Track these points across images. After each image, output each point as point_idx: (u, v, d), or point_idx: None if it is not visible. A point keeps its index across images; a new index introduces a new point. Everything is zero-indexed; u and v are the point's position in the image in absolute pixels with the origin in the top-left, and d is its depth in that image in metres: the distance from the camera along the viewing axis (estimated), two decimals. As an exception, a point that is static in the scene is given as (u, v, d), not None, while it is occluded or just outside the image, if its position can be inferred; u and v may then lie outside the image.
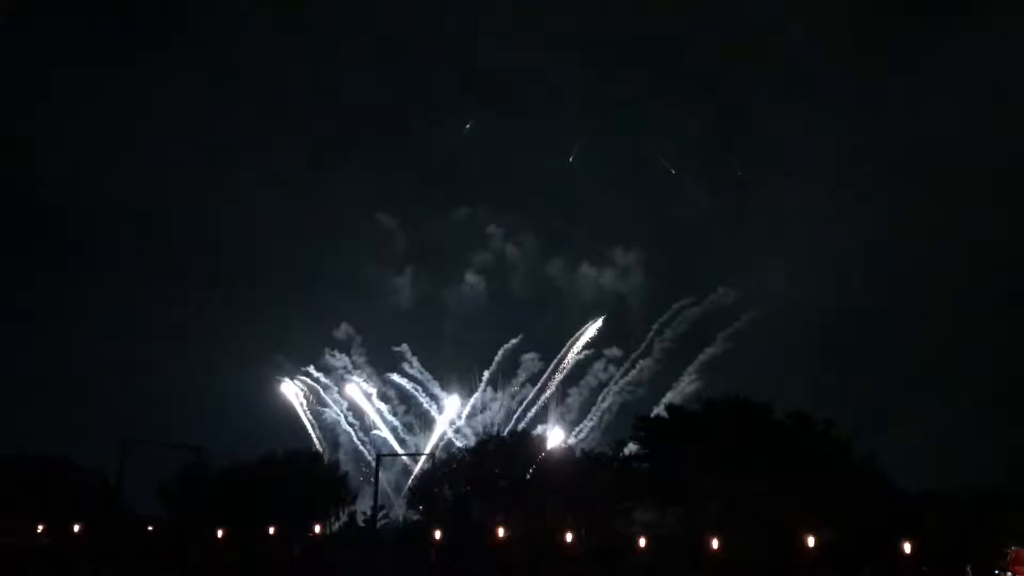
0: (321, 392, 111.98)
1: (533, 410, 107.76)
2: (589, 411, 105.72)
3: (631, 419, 76.48)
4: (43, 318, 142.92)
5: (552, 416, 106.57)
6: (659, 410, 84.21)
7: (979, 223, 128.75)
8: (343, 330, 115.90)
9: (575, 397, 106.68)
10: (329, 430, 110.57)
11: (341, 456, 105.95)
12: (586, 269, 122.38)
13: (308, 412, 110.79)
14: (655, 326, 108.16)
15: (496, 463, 78.18)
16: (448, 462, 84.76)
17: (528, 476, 75.65)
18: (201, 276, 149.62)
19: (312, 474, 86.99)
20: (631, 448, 73.29)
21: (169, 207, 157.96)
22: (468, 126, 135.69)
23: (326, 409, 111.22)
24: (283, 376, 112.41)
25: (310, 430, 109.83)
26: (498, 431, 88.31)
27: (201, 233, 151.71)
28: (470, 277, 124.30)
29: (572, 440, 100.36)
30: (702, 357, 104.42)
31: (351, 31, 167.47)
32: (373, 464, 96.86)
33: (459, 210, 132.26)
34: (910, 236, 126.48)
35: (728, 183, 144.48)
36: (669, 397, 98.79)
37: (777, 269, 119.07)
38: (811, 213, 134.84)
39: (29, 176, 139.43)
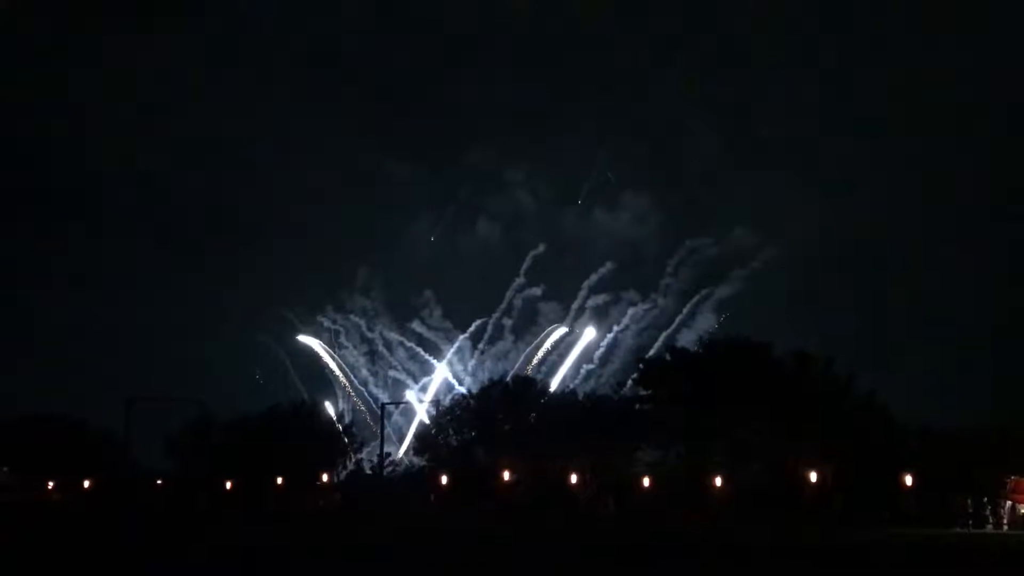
0: (341, 336, 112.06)
1: (553, 355, 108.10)
2: (610, 355, 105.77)
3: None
4: (46, 278, 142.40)
5: (570, 361, 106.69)
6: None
7: (980, 156, 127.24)
8: (360, 277, 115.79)
9: (594, 340, 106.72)
10: (346, 376, 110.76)
11: (354, 403, 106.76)
12: (601, 215, 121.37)
13: (329, 355, 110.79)
14: (671, 263, 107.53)
15: (500, 408, 78.68)
16: (453, 408, 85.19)
17: (532, 419, 76.16)
18: (203, 228, 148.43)
19: (315, 425, 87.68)
20: (636, 389, 73.59)
21: (169, 167, 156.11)
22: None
23: (344, 354, 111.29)
24: (300, 325, 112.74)
25: (332, 372, 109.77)
26: (502, 377, 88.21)
27: (205, 189, 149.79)
28: (485, 225, 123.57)
29: (591, 384, 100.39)
30: (718, 295, 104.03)
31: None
32: (380, 412, 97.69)
33: (472, 156, 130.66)
34: (911, 172, 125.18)
35: (740, 125, 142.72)
36: (686, 337, 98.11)
37: (785, 210, 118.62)
38: (815, 154, 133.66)
39: (28, 134, 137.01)
